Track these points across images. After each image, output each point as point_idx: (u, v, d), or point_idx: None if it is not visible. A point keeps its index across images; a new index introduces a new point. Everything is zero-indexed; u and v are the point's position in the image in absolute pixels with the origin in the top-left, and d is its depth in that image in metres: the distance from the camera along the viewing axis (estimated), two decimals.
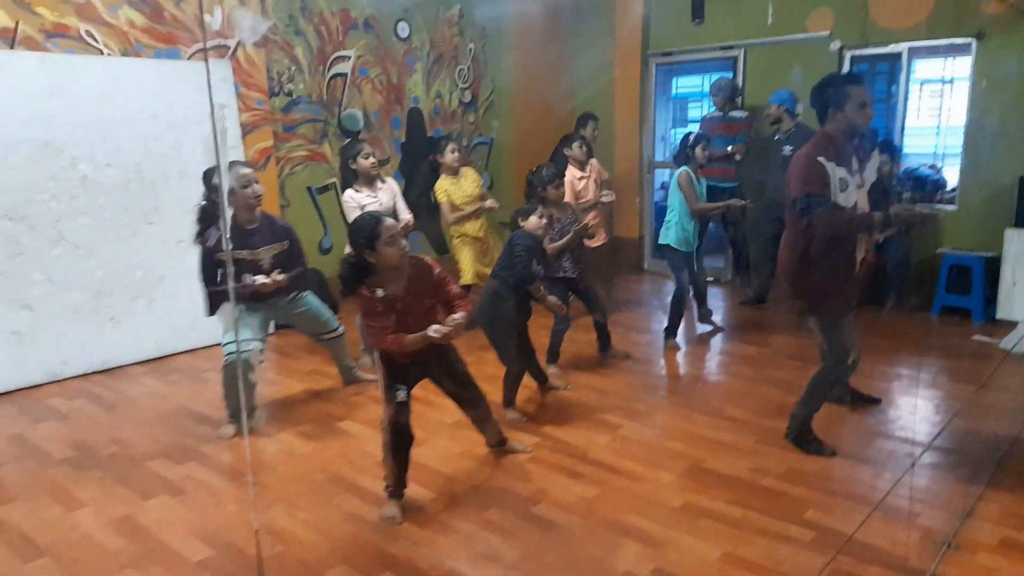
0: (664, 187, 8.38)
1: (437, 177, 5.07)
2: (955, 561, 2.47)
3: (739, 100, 6.65)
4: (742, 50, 6.86)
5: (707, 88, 8.06)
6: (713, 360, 4.90)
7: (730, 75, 6.89)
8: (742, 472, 3.15)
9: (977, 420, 3.73)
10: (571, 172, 5.35)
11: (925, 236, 5.97)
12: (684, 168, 4.83)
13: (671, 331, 5.00)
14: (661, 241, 4.99)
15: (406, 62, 6.59)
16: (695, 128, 7.30)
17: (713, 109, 6.58)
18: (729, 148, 6.33)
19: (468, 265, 5.10)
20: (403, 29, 6.52)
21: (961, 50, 5.86)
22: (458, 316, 2.82)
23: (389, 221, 2.74)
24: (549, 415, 3.83)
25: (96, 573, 2.56)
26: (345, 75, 6.13)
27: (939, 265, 5.65)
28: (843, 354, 3.28)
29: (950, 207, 6.02)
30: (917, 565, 2.44)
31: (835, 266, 3.15)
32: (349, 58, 6.14)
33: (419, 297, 2.84)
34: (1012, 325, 5.06)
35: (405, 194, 4.82)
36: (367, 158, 4.39)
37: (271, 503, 3.00)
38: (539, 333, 4.04)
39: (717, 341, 5.20)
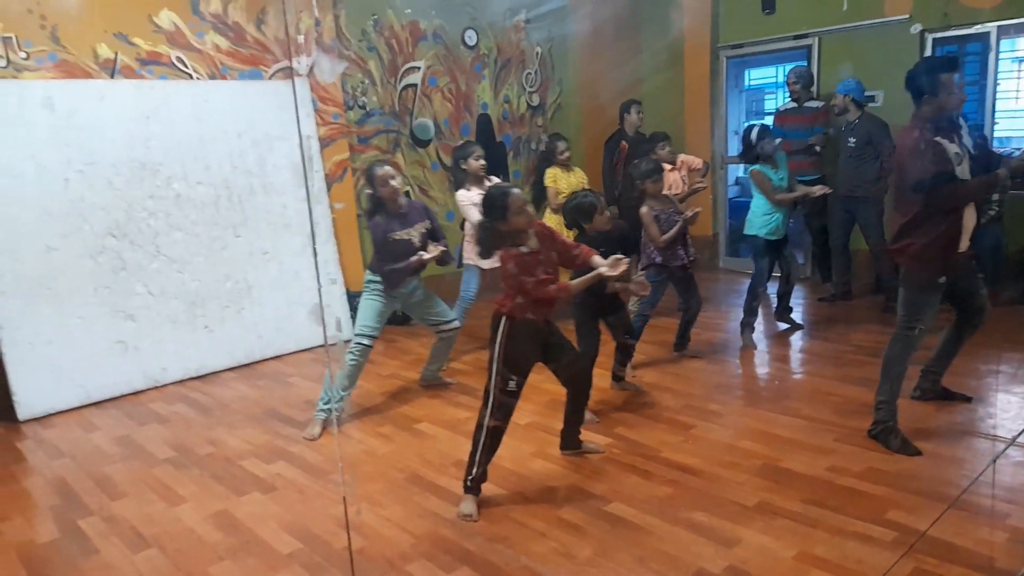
0: (739, 182, 8.24)
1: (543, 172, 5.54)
2: None
3: (814, 90, 6.47)
4: (816, 39, 6.67)
5: (780, 79, 7.88)
6: (790, 358, 4.79)
7: (804, 64, 6.71)
8: (819, 471, 3.10)
9: None
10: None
11: (1018, 223, 5.66)
12: (755, 166, 4.77)
13: (748, 322, 4.92)
14: (747, 232, 4.95)
15: (474, 69, 6.73)
16: (769, 120, 7.14)
17: (788, 100, 6.43)
18: (810, 139, 6.18)
19: None
20: (471, 37, 6.65)
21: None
22: (601, 260, 2.99)
23: (516, 191, 2.91)
24: (622, 416, 3.85)
25: (197, 563, 2.75)
26: (415, 85, 6.31)
27: None
28: (912, 322, 3.22)
29: None
30: (1005, 566, 2.36)
31: (940, 233, 3.12)
32: (419, 69, 6.32)
33: (548, 254, 3.00)
34: None
35: None
36: (477, 159, 4.71)
37: (354, 500, 3.15)
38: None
39: (795, 339, 5.09)
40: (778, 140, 6.38)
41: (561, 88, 7.48)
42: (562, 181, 5.48)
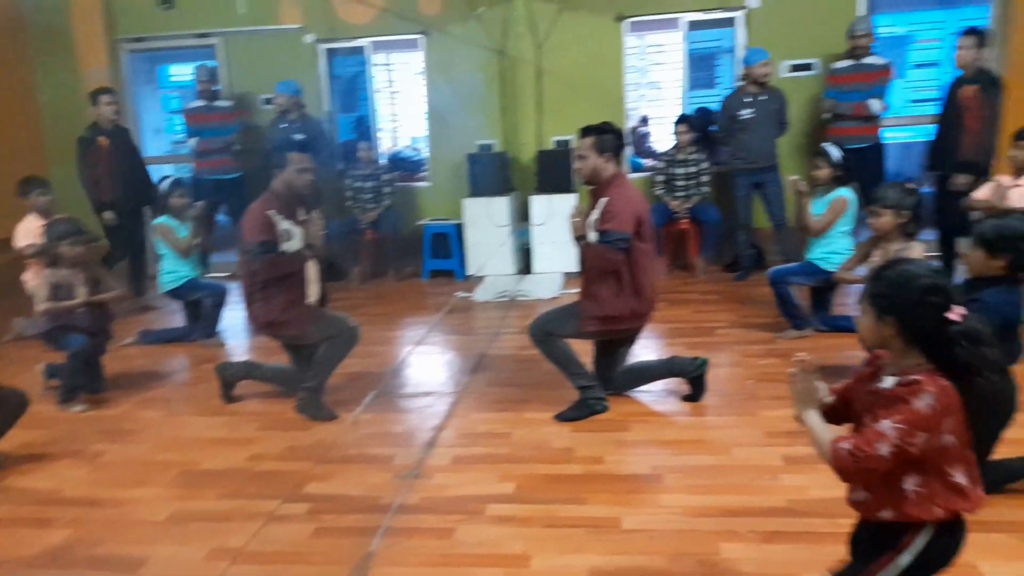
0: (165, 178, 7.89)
1: None
2: (417, 487, 2.87)
3: (219, 89, 6.53)
4: (220, 38, 6.73)
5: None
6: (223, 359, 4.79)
7: (214, 64, 6.71)
8: (239, 463, 3.16)
9: (462, 362, 4.40)
10: (32, 221, 4.71)
11: (409, 209, 6.76)
12: (160, 219, 4.81)
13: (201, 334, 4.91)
14: (160, 292, 5.02)
15: None
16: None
17: (196, 98, 6.35)
18: (228, 138, 6.26)
19: None
20: None
21: (415, 45, 6.71)
22: None
23: None
24: (11, 461, 3.25)
25: None
26: None
27: (422, 235, 6.45)
28: (345, 329, 3.57)
29: (425, 183, 6.92)
30: (389, 500, 2.77)
31: (288, 301, 3.50)
32: None
33: None
34: (482, 279, 6.11)
35: None
36: None
37: None
38: None
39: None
40: (193, 139, 6.31)
41: None
42: None
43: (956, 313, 1.53)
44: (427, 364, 4.40)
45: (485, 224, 6.14)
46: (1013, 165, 4.02)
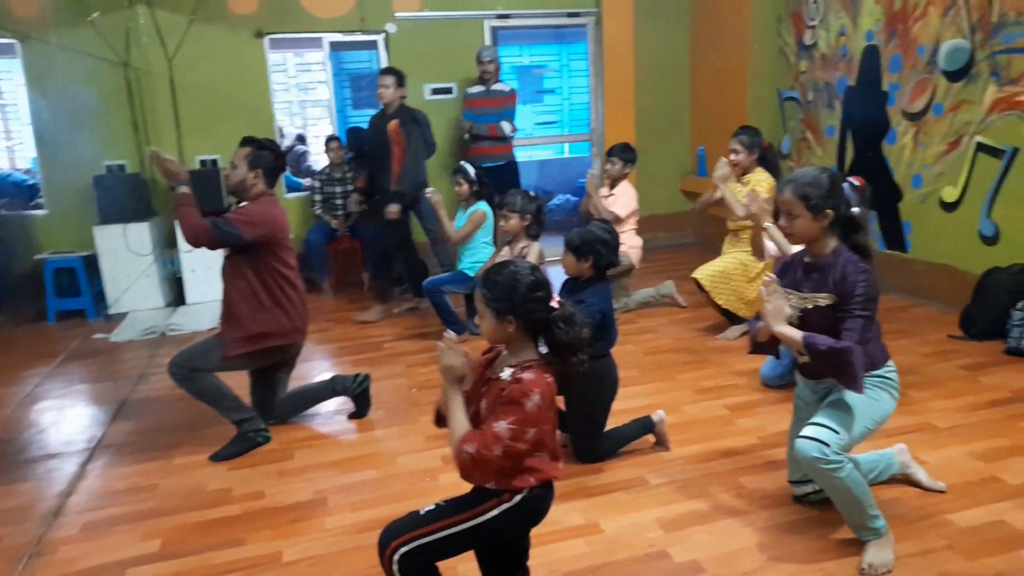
0: None
1: None
2: (36, 569, 2.43)
3: None
4: None
5: None
6: None
7: None
8: None
9: (97, 413, 3.82)
10: None
11: (23, 243, 5.74)
12: None
13: None
14: None
15: None
16: None
17: None
18: None
19: None
20: None
21: (9, 51, 5.72)
22: None
23: None
24: None
25: None
26: None
27: (43, 271, 5.51)
28: None
29: (41, 212, 5.94)
30: None
31: None
32: None
33: None
34: (124, 316, 5.42)
35: None
36: None
37: None
38: None
39: None
40: None
41: None
42: None
43: (556, 301, 1.78)
44: (49, 421, 3.76)
45: (123, 254, 5.45)
46: (608, 178, 4.77)
